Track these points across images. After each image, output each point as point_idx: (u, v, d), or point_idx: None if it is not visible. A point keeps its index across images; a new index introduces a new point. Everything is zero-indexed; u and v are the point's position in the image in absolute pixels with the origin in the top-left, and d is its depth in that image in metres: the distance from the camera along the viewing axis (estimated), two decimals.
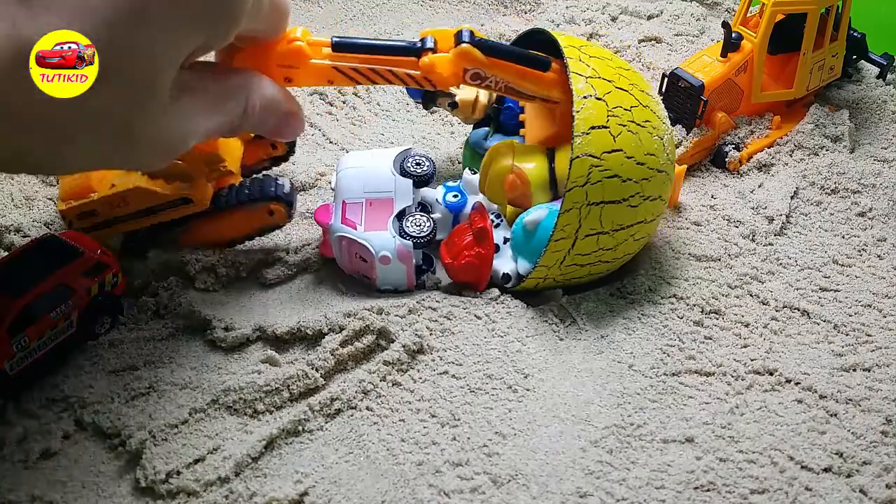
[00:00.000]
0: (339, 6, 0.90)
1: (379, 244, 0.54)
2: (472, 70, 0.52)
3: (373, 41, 0.52)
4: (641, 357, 0.53)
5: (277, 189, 0.57)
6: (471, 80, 0.52)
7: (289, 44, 0.49)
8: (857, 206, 0.65)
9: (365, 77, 0.52)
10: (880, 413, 0.50)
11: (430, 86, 0.52)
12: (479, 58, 0.51)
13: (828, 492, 0.47)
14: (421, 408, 0.49)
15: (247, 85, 0.46)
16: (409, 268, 0.55)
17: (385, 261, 0.54)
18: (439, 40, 0.52)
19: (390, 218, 0.55)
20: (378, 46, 0.52)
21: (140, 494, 0.46)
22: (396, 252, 0.54)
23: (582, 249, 0.53)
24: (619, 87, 0.53)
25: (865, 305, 0.57)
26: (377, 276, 0.55)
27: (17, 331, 0.48)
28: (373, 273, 0.55)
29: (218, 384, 0.50)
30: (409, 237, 0.54)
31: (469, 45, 0.51)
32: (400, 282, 0.56)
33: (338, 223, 0.55)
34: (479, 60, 0.51)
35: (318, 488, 0.46)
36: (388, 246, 0.54)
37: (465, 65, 0.51)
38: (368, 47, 0.51)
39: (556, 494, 0.46)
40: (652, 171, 0.53)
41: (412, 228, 0.55)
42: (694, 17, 0.87)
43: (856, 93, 0.76)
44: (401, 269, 0.55)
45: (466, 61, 0.51)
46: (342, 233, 0.54)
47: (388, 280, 0.55)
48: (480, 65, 0.52)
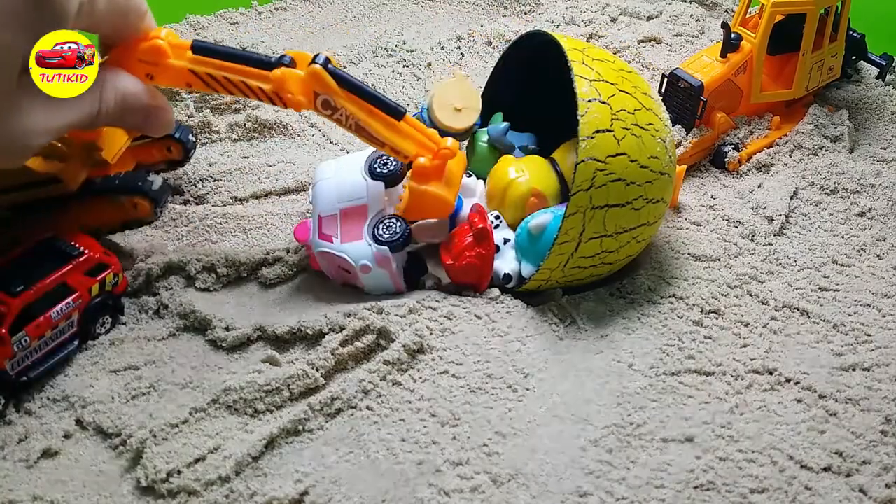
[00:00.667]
0: (339, 7, 0.90)
1: (356, 255, 0.53)
2: (323, 96, 0.51)
3: (231, 49, 0.52)
4: (641, 357, 0.53)
5: (144, 184, 0.59)
6: (322, 108, 0.52)
7: (150, 41, 0.50)
8: (856, 207, 0.65)
9: (220, 85, 0.52)
10: (879, 412, 0.50)
11: (281, 104, 0.52)
12: (330, 83, 0.51)
13: (827, 491, 0.47)
14: (421, 407, 0.49)
15: (99, 80, 0.46)
16: (390, 272, 0.54)
17: (365, 270, 0.54)
18: (298, 61, 0.52)
19: (365, 225, 0.54)
20: (234, 55, 0.51)
21: (141, 493, 0.46)
22: (374, 259, 0.53)
23: (585, 252, 0.53)
24: (623, 90, 0.53)
25: (865, 305, 0.58)
26: (363, 284, 0.55)
27: (18, 330, 0.48)
28: (358, 282, 0.55)
29: (218, 384, 0.50)
30: (383, 243, 0.53)
31: (320, 67, 0.51)
32: (387, 287, 0.55)
33: (316, 239, 0.54)
34: (329, 86, 0.51)
35: (318, 488, 0.46)
36: (365, 255, 0.53)
37: (316, 87, 0.51)
38: (225, 54, 0.51)
39: (556, 494, 0.46)
40: (655, 173, 0.53)
41: (385, 233, 0.54)
42: (693, 18, 0.87)
43: (855, 93, 0.76)
44: (383, 276, 0.54)
45: (317, 84, 0.51)
46: (321, 248, 0.54)
47: (375, 287, 0.55)
48: (331, 92, 0.51)
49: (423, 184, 0.54)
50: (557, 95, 0.57)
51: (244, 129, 0.70)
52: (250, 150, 0.69)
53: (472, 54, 0.82)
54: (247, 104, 0.72)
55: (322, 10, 0.90)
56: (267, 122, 0.71)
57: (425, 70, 0.79)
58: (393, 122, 0.53)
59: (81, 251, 0.52)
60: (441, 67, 0.80)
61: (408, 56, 0.80)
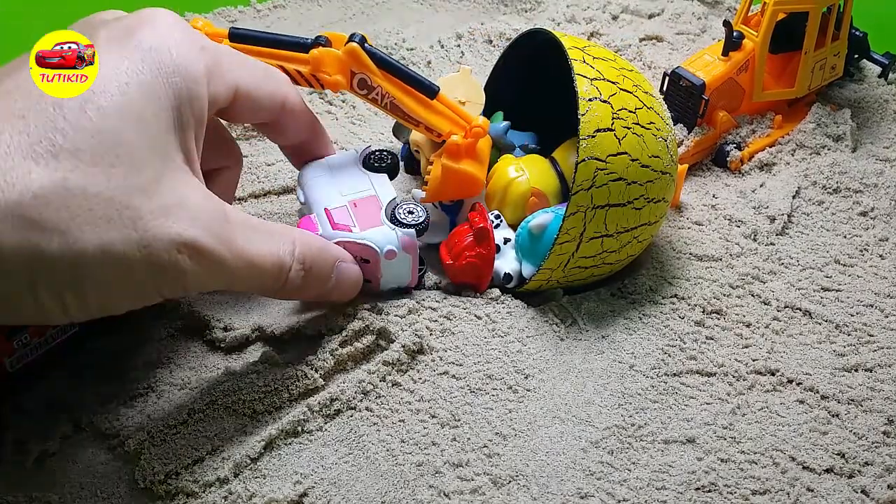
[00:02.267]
0: (339, 5, 0.89)
1: (382, 240, 0.52)
2: (360, 75, 0.52)
3: (268, 34, 0.52)
4: (642, 357, 0.53)
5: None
6: (358, 88, 0.52)
7: None
8: (859, 206, 0.65)
9: None
10: (882, 413, 0.50)
11: (318, 86, 0.52)
12: (367, 62, 0.51)
13: (829, 492, 0.46)
14: (421, 408, 0.49)
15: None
16: (414, 259, 0.53)
17: (391, 255, 0.52)
18: (334, 41, 0.52)
19: (381, 212, 0.53)
20: (271, 39, 0.52)
21: (139, 495, 0.45)
22: (401, 244, 0.52)
23: (586, 252, 0.53)
24: (624, 88, 0.53)
25: (867, 305, 0.57)
26: (381, 274, 0.53)
27: (19, 328, 0.47)
28: (377, 273, 0.53)
29: (217, 385, 0.50)
30: (408, 226, 0.52)
31: (357, 46, 0.51)
32: (405, 276, 0.54)
33: (329, 231, 0.52)
34: (366, 65, 0.51)
35: (317, 489, 0.46)
36: (391, 240, 0.52)
37: (353, 66, 0.51)
38: (262, 40, 0.52)
39: (557, 495, 0.45)
40: (656, 173, 0.53)
41: (408, 218, 0.53)
42: (695, 16, 0.87)
43: (858, 92, 0.76)
44: (407, 262, 0.53)
45: (354, 62, 0.51)
46: (339, 238, 0.51)
47: (393, 277, 0.54)
48: (368, 70, 0.51)
49: (456, 162, 0.54)
50: (558, 94, 0.56)
51: (243, 127, 0.70)
52: (249, 150, 0.69)
53: (472, 52, 0.81)
54: None
55: (321, 7, 0.89)
56: None
57: (425, 68, 0.79)
58: (427, 101, 0.54)
59: None
60: (441, 65, 0.79)
61: (407, 54, 0.80)
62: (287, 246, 0.46)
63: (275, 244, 0.45)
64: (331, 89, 0.53)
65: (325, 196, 0.53)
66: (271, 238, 0.45)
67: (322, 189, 0.54)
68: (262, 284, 0.46)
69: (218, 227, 0.41)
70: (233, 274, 0.43)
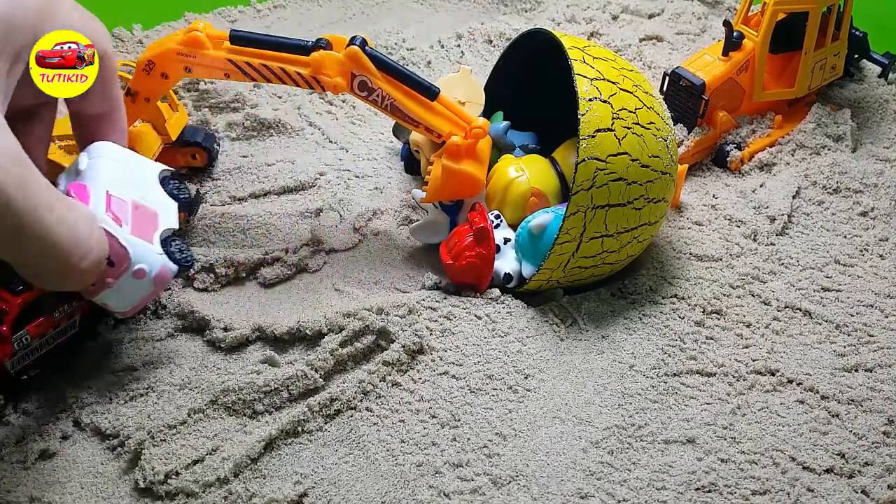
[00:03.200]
0: (339, 5, 0.89)
1: (144, 255, 0.46)
2: (360, 77, 0.52)
3: (268, 37, 0.53)
4: (642, 357, 0.53)
5: (202, 138, 0.62)
6: (358, 90, 0.53)
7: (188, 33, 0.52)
8: (858, 206, 0.65)
9: (258, 73, 0.53)
10: (882, 413, 0.50)
11: (319, 88, 0.53)
12: (367, 64, 0.52)
13: (829, 492, 0.46)
14: (421, 408, 0.49)
15: None
16: (152, 294, 0.48)
17: (139, 274, 0.46)
18: (335, 44, 0.53)
19: (156, 233, 0.48)
20: (271, 42, 0.53)
21: (139, 495, 0.45)
22: (157, 272, 0.46)
23: (586, 252, 0.53)
24: (624, 88, 0.53)
25: (867, 305, 0.57)
26: (106, 288, 0.46)
27: (19, 329, 0.47)
28: (104, 281, 0.46)
29: (217, 385, 0.50)
30: (176, 261, 0.47)
31: (358, 48, 0.51)
32: (129, 301, 0.47)
33: (101, 212, 0.45)
34: (366, 67, 0.52)
35: (317, 489, 0.46)
36: (152, 261, 0.46)
37: (353, 69, 0.52)
38: (262, 42, 0.52)
39: (557, 495, 0.45)
40: (656, 173, 0.53)
41: (178, 254, 0.48)
42: (695, 16, 0.87)
43: (858, 92, 0.76)
44: (144, 290, 0.47)
45: (355, 65, 0.51)
46: (105, 225, 0.45)
47: (121, 296, 0.47)
48: (368, 72, 0.52)
49: (456, 162, 0.54)
50: (558, 94, 0.56)
51: (243, 128, 0.70)
52: (249, 150, 0.69)
53: (472, 52, 0.81)
54: (245, 103, 0.72)
55: (321, 7, 0.89)
56: (266, 121, 0.70)
57: (425, 68, 0.79)
58: (427, 102, 0.54)
59: None
60: (441, 66, 0.79)
61: (407, 54, 0.80)
62: (94, 231, 0.42)
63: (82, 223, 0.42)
64: (331, 91, 0.53)
65: (111, 179, 0.47)
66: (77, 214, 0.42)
67: (111, 172, 0.48)
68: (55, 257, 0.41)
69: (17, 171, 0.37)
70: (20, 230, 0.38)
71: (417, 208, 0.63)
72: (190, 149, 0.63)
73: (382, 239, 0.61)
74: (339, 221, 0.62)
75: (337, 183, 0.66)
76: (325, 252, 0.60)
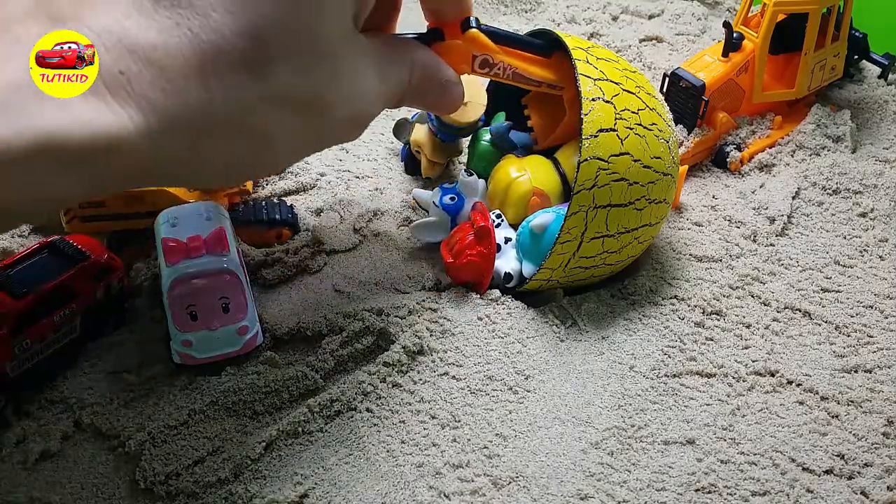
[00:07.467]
0: None
1: (252, 314, 0.51)
2: (481, 57, 0.51)
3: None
4: (642, 358, 0.53)
5: (289, 214, 0.60)
6: (479, 69, 0.52)
7: None
8: (858, 207, 0.65)
9: None
10: (882, 414, 0.50)
11: None
12: (488, 43, 0.51)
13: (829, 494, 0.46)
14: (421, 409, 0.49)
15: (410, 50, 0.46)
16: (235, 353, 0.51)
17: (242, 331, 0.50)
18: (445, 29, 0.52)
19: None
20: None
21: (139, 496, 0.45)
22: (252, 334, 0.50)
23: (587, 252, 0.53)
24: (627, 89, 0.53)
25: (867, 306, 0.57)
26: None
27: (20, 332, 0.47)
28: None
29: (217, 385, 0.50)
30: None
31: (477, 30, 0.50)
32: (209, 351, 0.50)
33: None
34: (487, 46, 0.51)
35: (317, 490, 0.46)
36: (254, 321, 0.51)
37: (475, 50, 0.51)
38: None
39: (557, 496, 0.45)
40: (658, 174, 0.53)
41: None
42: (695, 17, 0.87)
43: (857, 93, 0.76)
44: (232, 346, 0.50)
45: (475, 47, 0.51)
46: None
47: (206, 343, 0.50)
48: (489, 51, 0.51)
49: None
50: None
51: None
52: None
53: None
54: None
55: None
56: None
57: None
58: (543, 60, 0.54)
59: (87, 255, 0.51)
60: None
61: None
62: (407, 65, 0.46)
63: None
64: None
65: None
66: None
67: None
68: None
69: None
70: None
71: (418, 209, 0.63)
72: (277, 229, 0.60)
73: (383, 240, 0.61)
74: (340, 222, 0.62)
75: (337, 183, 0.66)
76: (326, 253, 0.60)
